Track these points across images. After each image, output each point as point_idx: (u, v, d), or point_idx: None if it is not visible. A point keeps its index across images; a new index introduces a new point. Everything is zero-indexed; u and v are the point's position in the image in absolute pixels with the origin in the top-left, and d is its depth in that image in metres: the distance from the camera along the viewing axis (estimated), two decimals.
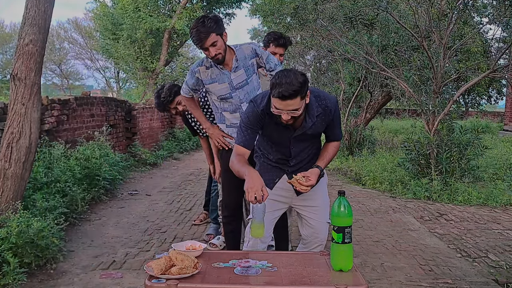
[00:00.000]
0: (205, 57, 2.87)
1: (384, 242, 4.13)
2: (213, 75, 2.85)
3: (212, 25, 2.70)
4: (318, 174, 2.37)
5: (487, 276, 3.35)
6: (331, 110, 2.38)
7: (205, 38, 2.69)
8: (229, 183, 3.00)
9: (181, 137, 10.88)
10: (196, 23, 2.71)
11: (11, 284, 2.87)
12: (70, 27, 35.76)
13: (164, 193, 6.14)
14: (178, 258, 1.92)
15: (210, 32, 2.69)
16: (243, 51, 2.89)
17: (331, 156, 2.50)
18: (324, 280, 1.90)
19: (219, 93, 2.87)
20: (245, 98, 2.88)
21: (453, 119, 6.44)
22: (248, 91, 2.89)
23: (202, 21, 2.70)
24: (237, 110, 2.91)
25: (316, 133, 2.47)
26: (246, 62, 2.88)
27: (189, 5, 14.54)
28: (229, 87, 2.86)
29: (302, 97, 2.16)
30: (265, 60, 2.95)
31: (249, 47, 2.91)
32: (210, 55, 2.74)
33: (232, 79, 2.85)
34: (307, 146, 2.49)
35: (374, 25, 6.77)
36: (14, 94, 3.44)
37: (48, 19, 3.55)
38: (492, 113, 22.10)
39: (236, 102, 2.89)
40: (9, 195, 3.41)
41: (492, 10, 7.05)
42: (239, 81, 2.87)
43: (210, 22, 2.70)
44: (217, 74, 2.85)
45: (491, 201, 5.67)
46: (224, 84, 2.85)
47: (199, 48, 2.77)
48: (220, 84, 2.85)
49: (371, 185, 6.78)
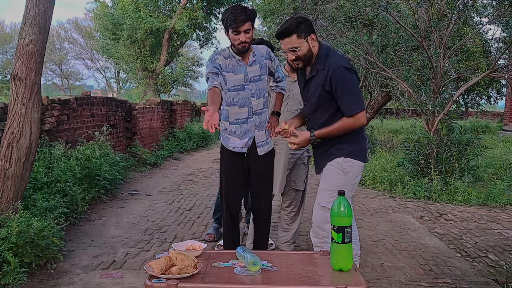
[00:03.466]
0: (221, 49, 2.95)
1: (384, 242, 4.13)
2: (230, 65, 2.88)
3: (251, 13, 2.79)
4: (306, 139, 2.58)
5: (487, 276, 3.36)
6: (329, 71, 2.49)
7: (244, 21, 2.73)
8: (228, 185, 3.02)
9: (181, 137, 10.89)
10: (238, 7, 2.80)
11: (12, 283, 2.87)
12: (70, 27, 35.83)
13: (164, 193, 6.15)
14: (178, 258, 1.92)
15: (248, 19, 2.76)
16: (260, 50, 2.96)
17: (332, 129, 2.53)
18: (324, 280, 1.90)
19: (233, 83, 2.89)
20: (256, 93, 2.90)
21: (453, 119, 6.45)
22: (260, 87, 2.93)
23: (244, 7, 2.80)
24: (245, 104, 2.90)
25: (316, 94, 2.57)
26: (261, 60, 2.94)
27: (189, 5, 14.54)
28: (244, 79, 2.89)
29: (299, 36, 2.50)
30: (275, 68, 3.02)
31: (264, 48, 2.99)
32: (239, 39, 2.76)
33: (247, 72, 2.89)
34: (315, 111, 2.63)
35: (374, 25, 6.77)
36: (15, 94, 3.44)
37: (48, 19, 3.55)
38: (491, 113, 22.10)
39: (247, 95, 2.90)
40: (9, 195, 3.42)
41: (492, 10, 7.04)
42: (253, 75, 2.91)
43: (250, 10, 2.80)
44: (234, 65, 2.89)
45: (490, 201, 5.67)
46: (240, 75, 2.89)
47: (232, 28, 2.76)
48: (236, 74, 2.89)
49: (371, 185, 6.78)
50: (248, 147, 2.93)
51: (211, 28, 16.39)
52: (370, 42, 6.87)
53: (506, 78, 6.82)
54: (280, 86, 3.13)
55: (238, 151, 2.94)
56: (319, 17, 8.46)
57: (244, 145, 2.93)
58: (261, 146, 2.96)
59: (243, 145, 2.93)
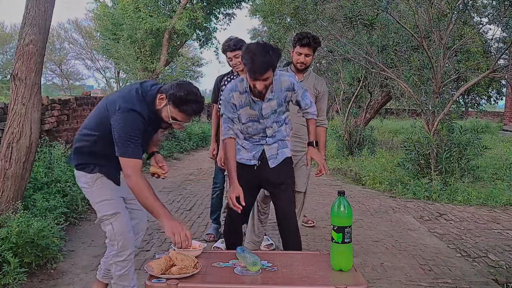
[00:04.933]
0: (238, 80, 2.71)
1: (384, 242, 4.13)
2: (246, 100, 2.69)
3: (274, 58, 2.48)
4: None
5: (487, 276, 3.36)
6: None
7: (264, 72, 2.48)
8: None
9: (181, 137, 10.89)
10: (258, 50, 2.46)
11: (12, 283, 2.87)
12: (71, 27, 35.76)
13: (164, 193, 6.14)
14: (178, 258, 1.92)
15: (270, 67, 2.48)
16: (281, 83, 2.69)
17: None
18: (324, 280, 1.90)
19: (247, 116, 2.73)
20: (271, 124, 2.76)
21: (453, 119, 6.44)
22: (276, 118, 2.77)
23: (267, 51, 2.46)
24: (260, 132, 2.79)
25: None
26: (280, 95, 2.71)
27: (189, 5, 14.51)
28: (258, 115, 2.72)
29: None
30: (300, 96, 2.77)
31: (289, 80, 2.71)
32: (255, 87, 2.55)
33: (263, 108, 2.70)
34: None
35: (374, 25, 6.77)
36: (15, 94, 3.44)
37: (48, 20, 3.55)
38: (491, 113, 22.09)
39: (262, 126, 2.77)
40: (9, 195, 3.42)
41: (492, 10, 7.04)
42: (269, 111, 2.72)
43: (274, 55, 2.48)
44: (250, 100, 2.69)
45: (490, 201, 5.67)
46: (254, 112, 2.71)
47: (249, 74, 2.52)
48: (251, 109, 2.72)
49: (371, 185, 6.78)
50: (257, 159, 2.80)
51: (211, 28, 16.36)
52: (370, 42, 6.87)
53: (506, 78, 6.83)
54: (311, 112, 2.86)
55: (245, 162, 2.81)
56: (319, 17, 8.46)
57: (251, 157, 2.80)
58: (272, 158, 2.81)
59: (251, 157, 2.80)
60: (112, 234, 2.42)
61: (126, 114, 2.24)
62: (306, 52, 3.32)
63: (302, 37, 3.33)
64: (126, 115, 2.24)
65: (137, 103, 2.28)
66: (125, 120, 2.23)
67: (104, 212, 2.42)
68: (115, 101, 2.30)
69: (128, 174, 2.23)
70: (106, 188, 2.45)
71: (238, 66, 3.55)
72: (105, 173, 2.46)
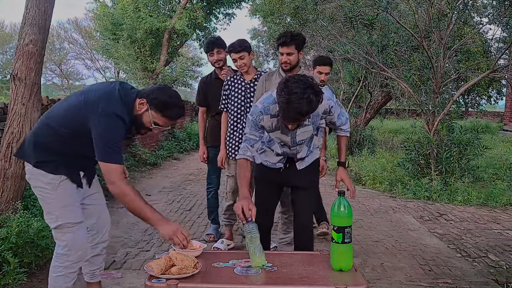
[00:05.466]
0: (271, 102, 2.41)
1: (384, 242, 4.13)
2: (278, 124, 2.46)
3: (315, 104, 2.18)
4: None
5: (487, 276, 3.35)
6: None
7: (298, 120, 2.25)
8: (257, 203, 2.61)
9: (181, 137, 10.89)
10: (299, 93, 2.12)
11: (11, 284, 2.87)
12: (70, 27, 35.76)
13: (164, 193, 6.14)
14: (178, 258, 1.92)
15: (308, 114, 2.23)
16: (319, 108, 2.35)
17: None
18: (324, 280, 1.90)
19: (278, 140, 2.55)
20: (302, 150, 2.62)
21: (453, 119, 6.45)
22: (308, 145, 2.64)
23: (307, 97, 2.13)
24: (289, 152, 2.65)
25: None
26: (317, 119, 2.50)
27: (189, 5, 14.52)
28: (291, 142, 2.54)
29: None
30: (337, 116, 2.57)
31: (327, 104, 2.46)
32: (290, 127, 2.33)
33: (296, 135, 2.51)
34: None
35: (374, 25, 6.77)
36: (14, 94, 3.44)
37: (48, 19, 3.55)
38: (492, 113, 22.08)
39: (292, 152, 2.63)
40: (9, 195, 3.42)
41: (492, 10, 7.05)
42: (303, 138, 2.54)
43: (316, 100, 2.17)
44: (282, 125, 2.43)
45: (491, 201, 5.67)
46: (287, 137, 2.53)
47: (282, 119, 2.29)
48: (282, 134, 2.52)
49: (371, 185, 6.78)
50: (283, 163, 2.68)
51: (211, 28, 16.38)
52: (370, 42, 6.87)
53: (506, 78, 6.82)
54: (345, 129, 2.69)
55: (270, 166, 2.69)
56: (319, 17, 8.47)
57: (277, 161, 2.68)
58: (301, 161, 2.68)
59: (277, 161, 2.68)
60: (73, 243, 2.28)
61: (109, 119, 2.13)
62: (287, 51, 3.17)
63: (279, 37, 3.24)
64: (108, 119, 2.13)
65: (119, 107, 2.17)
66: (108, 124, 2.13)
67: (68, 219, 2.27)
68: (96, 101, 2.17)
69: (112, 180, 2.10)
70: (69, 192, 2.30)
71: (243, 68, 3.55)
72: (69, 174, 2.29)
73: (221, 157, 3.71)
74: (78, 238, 2.30)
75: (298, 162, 2.67)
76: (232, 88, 3.63)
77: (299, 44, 3.16)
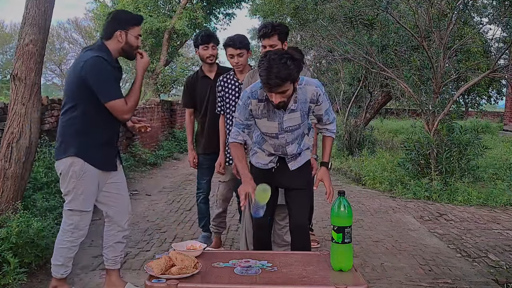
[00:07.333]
0: (258, 87, 2.42)
1: (384, 242, 4.13)
2: (264, 110, 2.45)
3: (294, 69, 2.21)
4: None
5: (487, 276, 3.35)
6: None
7: (279, 85, 2.22)
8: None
9: (181, 137, 10.89)
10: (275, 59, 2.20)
11: (11, 284, 2.87)
12: (70, 27, 35.77)
13: (164, 193, 6.14)
14: (178, 258, 1.92)
15: (288, 79, 2.22)
16: (306, 92, 2.41)
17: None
18: (324, 280, 1.90)
19: (265, 130, 2.52)
20: (292, 141, 2.56)
21: (453, 119, 6.45)
22: (297, 135, 2.56)
23: (284, 61, 2.19)
24: (279, 150, 2.61)
25: None
26: (304, 106, 2.45)
27: (189, 5, 14.52)
28: (278, 128, 2.48)
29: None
30: (324, 111, 2.53)
31: (315, 90, 2.44)
32: (272, 99, 2.29)
33: (284, 121, 2.45)
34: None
35: (374, 25, 6.77)
36: (14, 94, 3.44)
37: (48, 19, 3.55)
38: (492, 113, 22.09)
39: (281, 143, 2.56)
40: (9, 195, 3.41)
41: (492, 10, 7.04)
42: (291, 124, 2.48)
43: (293, 65, 2.21)
44: (269, 109, 2.43)
45: (491, 201, 5.67)
46: (274, 123, 2.47)
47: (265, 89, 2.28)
48: (269, 121, 2.47)
49: (371, 185, 6.78)
50: (274, 162, 2.65)
51: (211, 28, 16.37)
52: (370, 42, 6.87)
53: (506, 78, 6.83)
54: (331, 129, 2.61)
55: (262, 167, 2.66)
56: (319, 17, 8.47)
57: (269, 161, 2.65)
58: (292, 160, 2.64)
59: (268, 161, 2.65)
60: (78, 225, 2.63)
61: (92, 61, 2.44)
62: (269, 43, 2.91)
63: (260, 29, 3.00)
64: (92, 62, 2.44)
65: (96, 52, 2.50)
66: (94, 65, 2.44)
67: (80, 207, 2.61)
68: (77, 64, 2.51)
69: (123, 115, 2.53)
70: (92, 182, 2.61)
71: (239, 66, 3.34)
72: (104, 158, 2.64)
73: (219, 163, 3.46)
74: (83, 221, 2.65)
75: (290, 162, 2.63)
76: (225, 90, 3.40)
77: (282, 34, 2.93)
